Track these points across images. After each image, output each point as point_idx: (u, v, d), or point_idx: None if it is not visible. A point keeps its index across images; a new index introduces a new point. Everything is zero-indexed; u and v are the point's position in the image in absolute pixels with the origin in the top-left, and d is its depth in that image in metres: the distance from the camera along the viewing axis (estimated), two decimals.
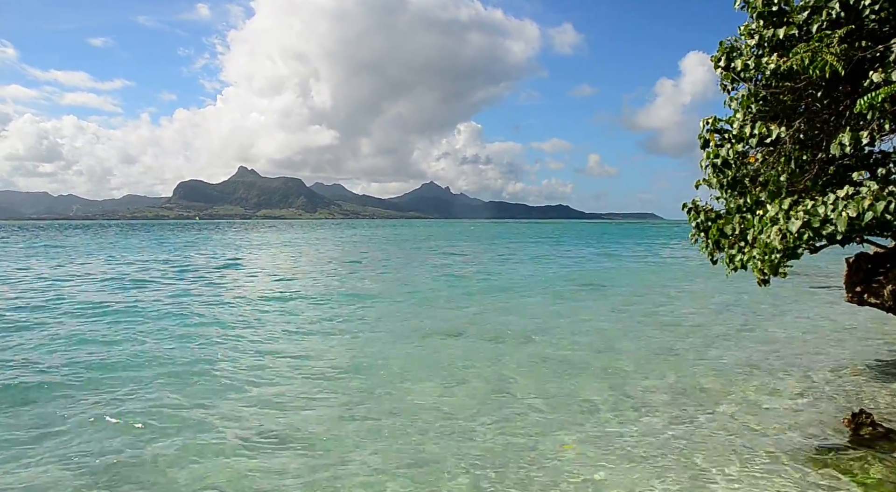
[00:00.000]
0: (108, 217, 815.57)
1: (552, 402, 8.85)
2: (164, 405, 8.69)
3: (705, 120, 7.05)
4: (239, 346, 12.88)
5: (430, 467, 6.64)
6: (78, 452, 6.99)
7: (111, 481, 6.27)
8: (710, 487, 6.06)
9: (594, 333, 13.99)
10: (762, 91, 6.59)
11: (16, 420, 8.09)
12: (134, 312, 17.38)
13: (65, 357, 11.59)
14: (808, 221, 5.80)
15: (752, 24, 6.54)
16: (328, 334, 14.31)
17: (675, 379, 9.97)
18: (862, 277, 8.97)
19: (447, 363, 11.26)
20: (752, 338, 13.26)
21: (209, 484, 6.24)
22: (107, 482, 6.24)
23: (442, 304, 19.46)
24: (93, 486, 6.17)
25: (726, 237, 7.27)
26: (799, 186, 6.88)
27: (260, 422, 8.02)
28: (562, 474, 6.42)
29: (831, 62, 5.41)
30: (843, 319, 15.07)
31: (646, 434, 7.50)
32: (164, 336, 13.83)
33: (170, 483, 6.27)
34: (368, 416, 8.32)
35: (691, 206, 7.88)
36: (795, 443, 7.12)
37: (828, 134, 6.63)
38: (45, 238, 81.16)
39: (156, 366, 10.98)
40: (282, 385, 9.87)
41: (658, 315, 16.60)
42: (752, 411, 8.31)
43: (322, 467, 6.60)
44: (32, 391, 9.35)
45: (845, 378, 9.89)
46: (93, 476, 6.37)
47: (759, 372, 10.34)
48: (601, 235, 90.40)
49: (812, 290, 21.36)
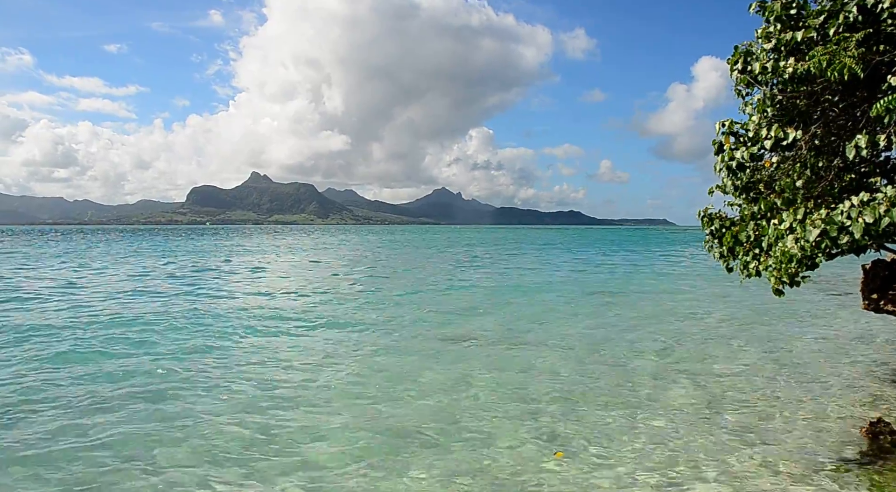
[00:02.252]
0: (123, 222, 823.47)
1: (554, 404, 8.80)
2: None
3: (721, 123, 7.00)
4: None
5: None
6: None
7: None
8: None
9: (603, 339, 13.89)
10: (778, 95, 6.54)
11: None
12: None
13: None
14: (825, 229, 5.73)
15: (768, 28, 6.50)
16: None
17: (689, 387, 9.88)
18: (879, 285, 8.84)
19: (459, 369, 11.22)
20: (768, 345, 13.10)
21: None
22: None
23: (450, 310, 19.42)
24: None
25: (741, 244, 7.20)
26: (814, 193, 6.81)
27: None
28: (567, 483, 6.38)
29: (849, 65, 5.35)
30: (859, 327, 14.88)
31: (658, 443, 7.42)
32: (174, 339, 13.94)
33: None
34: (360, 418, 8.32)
35: (705, 213, 7.82)
36: (812, 451, 7.02)
37: (844, 139, 6.56)
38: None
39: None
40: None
41: (670, 321, 16.45)
42: (768, 420, 8.21)
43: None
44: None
45: (863, 386, 9.75)
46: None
47: (775, 380, 10.22)
48: (614, 242, 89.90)
49: (828, 297, 21.13)
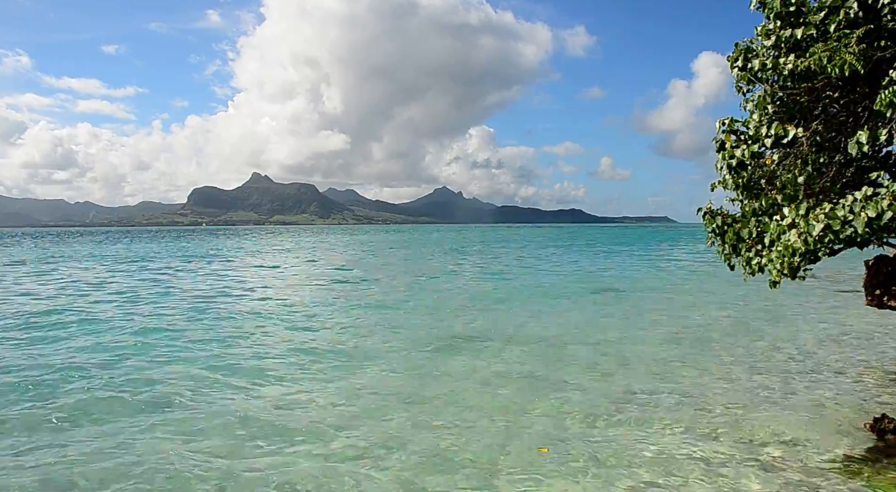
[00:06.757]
0: (125, 224, 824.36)
1: (555, 408, 8.80)
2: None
3: (721, 121, 6.99)
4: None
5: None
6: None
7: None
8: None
9: (607, 339, 13.88)
10: (779, 92, 6.53)
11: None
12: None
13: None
14: (828, 224, 5.73)
15: (768, 25, 6.49)
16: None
17: (690, 384, 9.88)
18: (882, 280, 8.82)
19: (464, 371, 11.23)
20: (771, 342, 13.10)
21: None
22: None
23: (453, 310, 19.42)
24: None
25: (743, 241, 7.19)
26: (816, 189, 6.80)
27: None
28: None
29: (850, 61, 5.35)
30: (862, 323, 14.87)
31: (659, 440, 7.42)
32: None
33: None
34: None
35: (707, 210, 7.81)
36: (816, 448, 7.02)
37: (845, 135, 6.55)
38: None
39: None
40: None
41: (672, 319, 16.44)
42: (772, 416, 8.20)
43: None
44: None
45: (867, 382, 9.75)
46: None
47: (778, 377, 10.22)
48: (616, 240, 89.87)
49: (831, 293, 21.10)
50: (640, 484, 6.22)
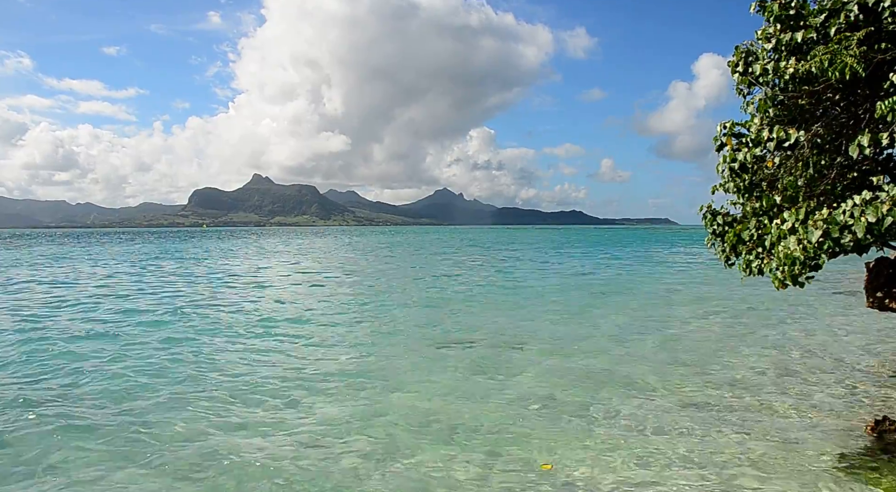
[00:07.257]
0: (126, 225, 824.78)
1: (555, 409, 8.80)
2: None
3: (722, 124, 6.99)
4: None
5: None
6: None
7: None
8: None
9: (608, 341, 13.89)
10: (780, 95, 6.53)
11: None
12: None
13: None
14: (828, 229, 5.72)
15: (768, 29, 6.49)
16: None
17: (688, 386, 9.87)
18: (883, 283, 8.82)
19: (455, 371, 11.23)
20: (771, 344, 13.09)
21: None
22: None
23: (454, 311, 19.42)
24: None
25: (743, 243, 7.19)
26: (816, 191, 6.80)
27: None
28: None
29: (851, 64, 5.35)
30: (863, 325, 14.86)
31: (663, 442, 7.42)
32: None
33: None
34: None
35: (707, 210, 7.81)
36: (817, 450, 7.01)
37: (846, 138, 6.55)
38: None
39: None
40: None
41: (670, 320, 16.44)
42: (772, 417, 8.20)
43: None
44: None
45: (867, 384, 9.74)
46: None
47: (778, 379, 10.21)
48: (617, 242, 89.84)
49: (832, 295, 21.09)
50: (635, 484, 6.23)
